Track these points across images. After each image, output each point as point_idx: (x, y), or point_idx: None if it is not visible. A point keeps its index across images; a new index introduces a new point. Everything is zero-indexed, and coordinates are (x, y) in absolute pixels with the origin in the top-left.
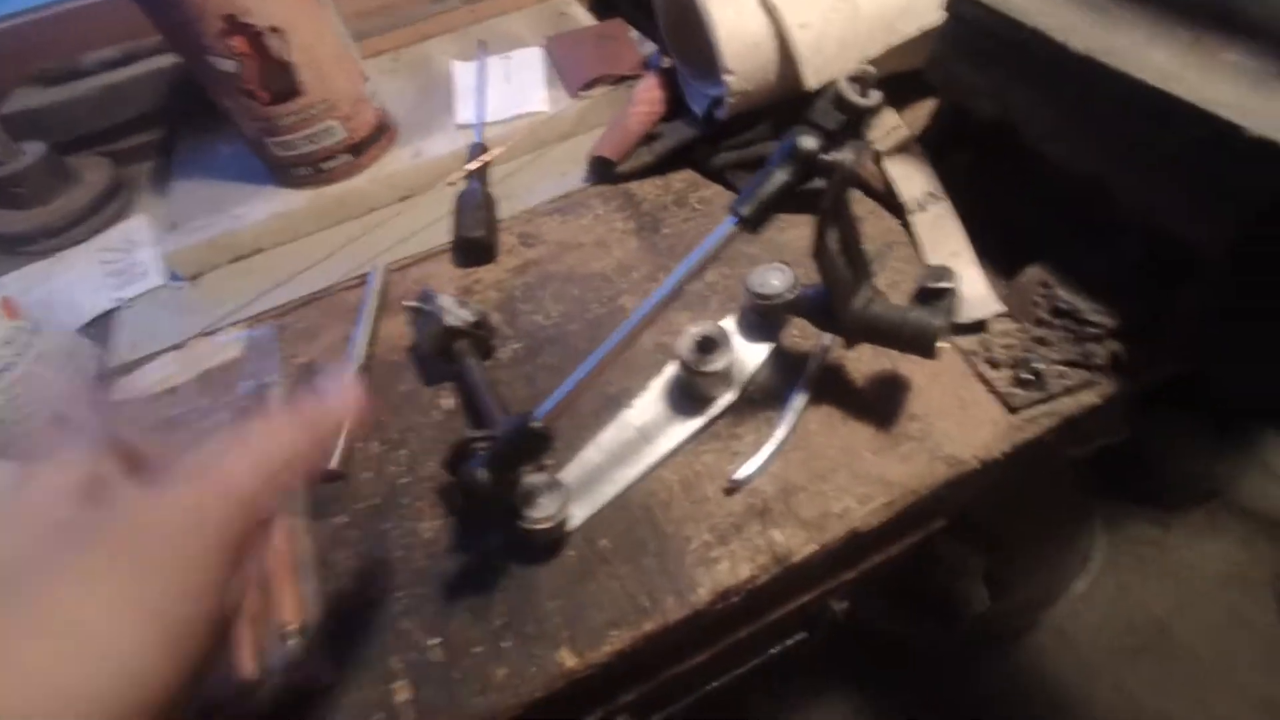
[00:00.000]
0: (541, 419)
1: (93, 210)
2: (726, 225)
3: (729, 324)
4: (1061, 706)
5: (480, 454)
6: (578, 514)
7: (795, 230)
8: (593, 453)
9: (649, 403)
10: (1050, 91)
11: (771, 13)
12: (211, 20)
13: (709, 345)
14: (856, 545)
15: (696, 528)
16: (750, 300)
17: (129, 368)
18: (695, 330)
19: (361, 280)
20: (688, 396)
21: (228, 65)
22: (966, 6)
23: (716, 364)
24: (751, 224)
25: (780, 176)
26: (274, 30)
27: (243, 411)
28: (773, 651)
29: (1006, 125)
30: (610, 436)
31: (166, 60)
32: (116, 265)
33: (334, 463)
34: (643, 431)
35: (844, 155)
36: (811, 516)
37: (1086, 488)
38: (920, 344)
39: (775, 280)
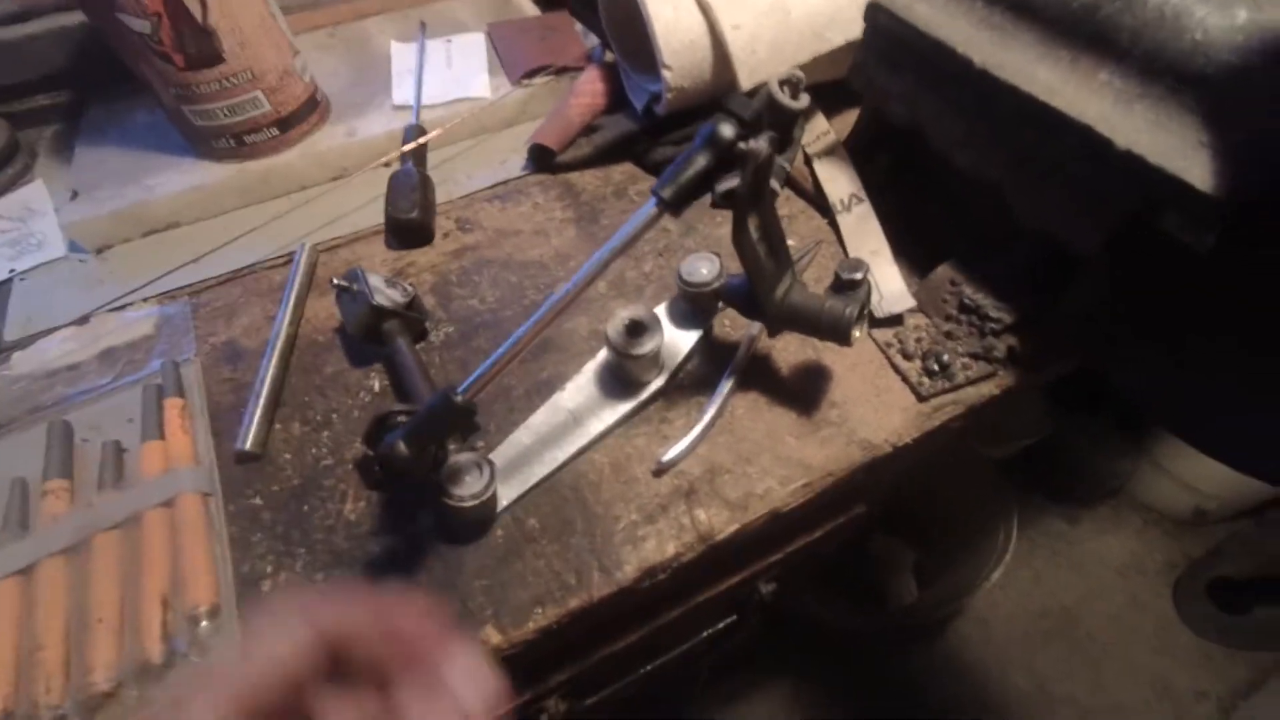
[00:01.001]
0: (464, 393)
1: None
2: (648, 207)
3: (661, 311)
4: (981, 690)
5: (401, 427)
6: (507, 493)
7: (729, 220)
8: (524, 434)
9: (581, 386)
10: (953, 99)
11: (707, 13)
12: None
13: (638, 329)
14: (779, 526)
15: (625, 508)
16: (680, 288)
17: (24, 342)
18: (625, 314)
19: (287, 259)
20: (619, 380)
21: (140, 25)
22: (881, 15)
23: (645, 347)
24: (672, 206)
25: (700, 161)
26: None
27: (152, 390)
28: (705, 634)
29: (918, 130)
30: (541, 419)
31: (71, 19)
32: (11, 234)
33: (247, 443)
34: (574, 414)
35: (758, 145)
36: (735, 497)
37: (1006, 485)
38: (837, 331)
39: (704, 269)
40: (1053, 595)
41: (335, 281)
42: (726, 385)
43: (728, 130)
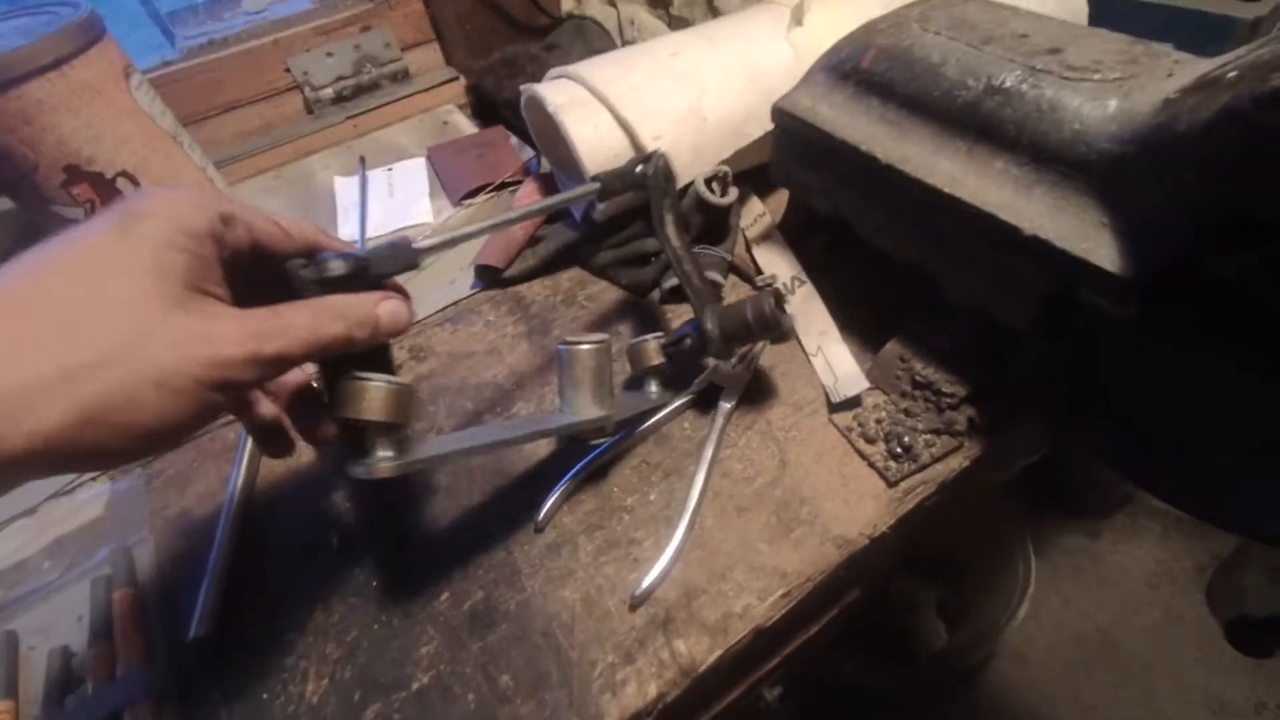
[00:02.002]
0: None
1: None
2: (589, 185)
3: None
4: None
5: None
6: (425, 450)
7: (677, 317)
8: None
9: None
10: (867, 192)
11: (626, 128)
12: (51, 172)
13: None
14: (766, 640)
15: (601, 649)
16: (629, 351)
17: None
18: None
19: None
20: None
21: (74, 213)
22: (786, 118)
23: (597, 336)
24: (604, 190)
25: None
26: (123, 174)
27: (101, 582)
28: None
29: (841, 219)
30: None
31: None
32: None
33: (201, 629)
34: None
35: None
36: (713, 620)
37: (1016, 509)
38: (766, 324)
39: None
40: (1086, 617)
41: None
42: (694, 499)
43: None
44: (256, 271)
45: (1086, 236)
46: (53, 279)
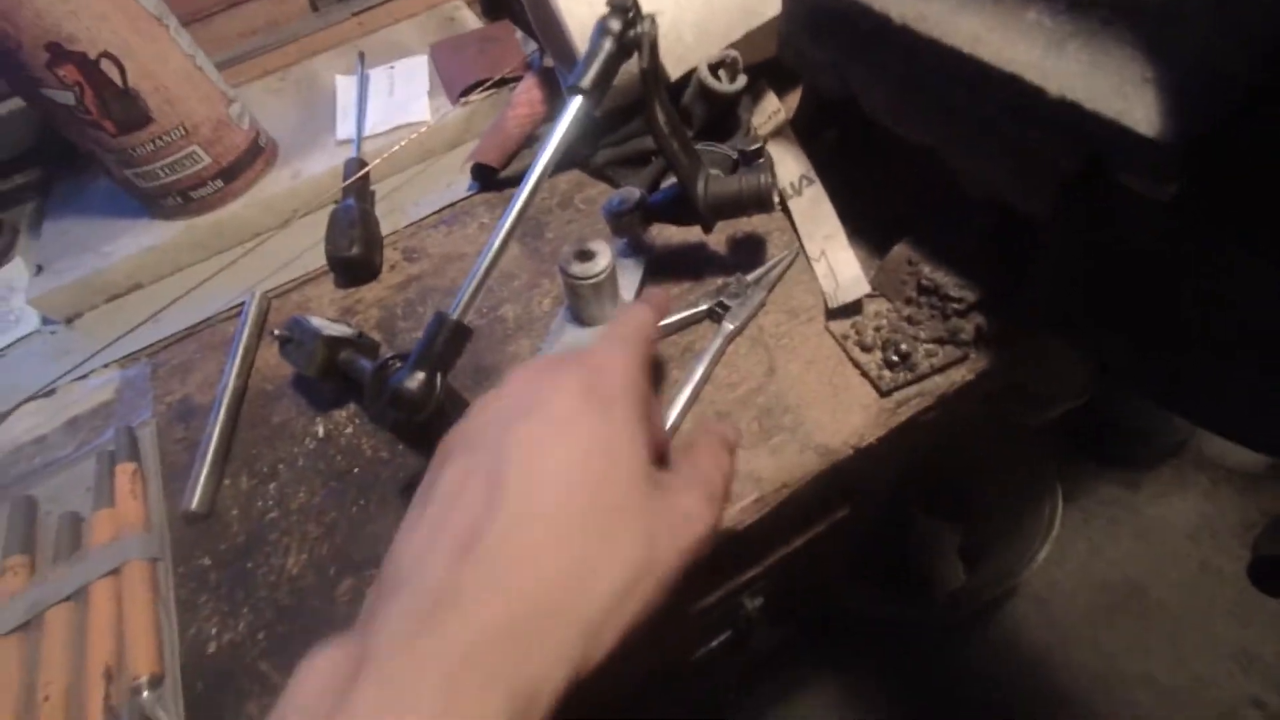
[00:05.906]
0: (455, 315)
1: None
2: (573, 104)
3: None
4: (1044, 673)
5: (401, 368)
6: None
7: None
8: None
9: (552, 347)
10: (879, 63)
11: None
12: (34, 50)
13: (587, 255)
14: (740, 544)
15: None
16: (607, 216)
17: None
18: (570, 248)
19: (240, 310)
20: (584, 325)
21: (65, 97)
22: None
23: (601, 264)
24: (594, 93)
25: (605, 48)
26: (107, 56)
27: (106, 457)
28: (700, 653)
29: (852, 100)
30: None
31: None
32: None
33: (194, 503)
34: None
35: (649, 26)
36: None
37: (1048, 455)
38: (759, 200)
39: (622, 196)
40: (1116, 566)
41: (275, 334)
42: (679, 407)
43: (615, 23)
44: None
45: (1124, 96)
46: (566, 501)
